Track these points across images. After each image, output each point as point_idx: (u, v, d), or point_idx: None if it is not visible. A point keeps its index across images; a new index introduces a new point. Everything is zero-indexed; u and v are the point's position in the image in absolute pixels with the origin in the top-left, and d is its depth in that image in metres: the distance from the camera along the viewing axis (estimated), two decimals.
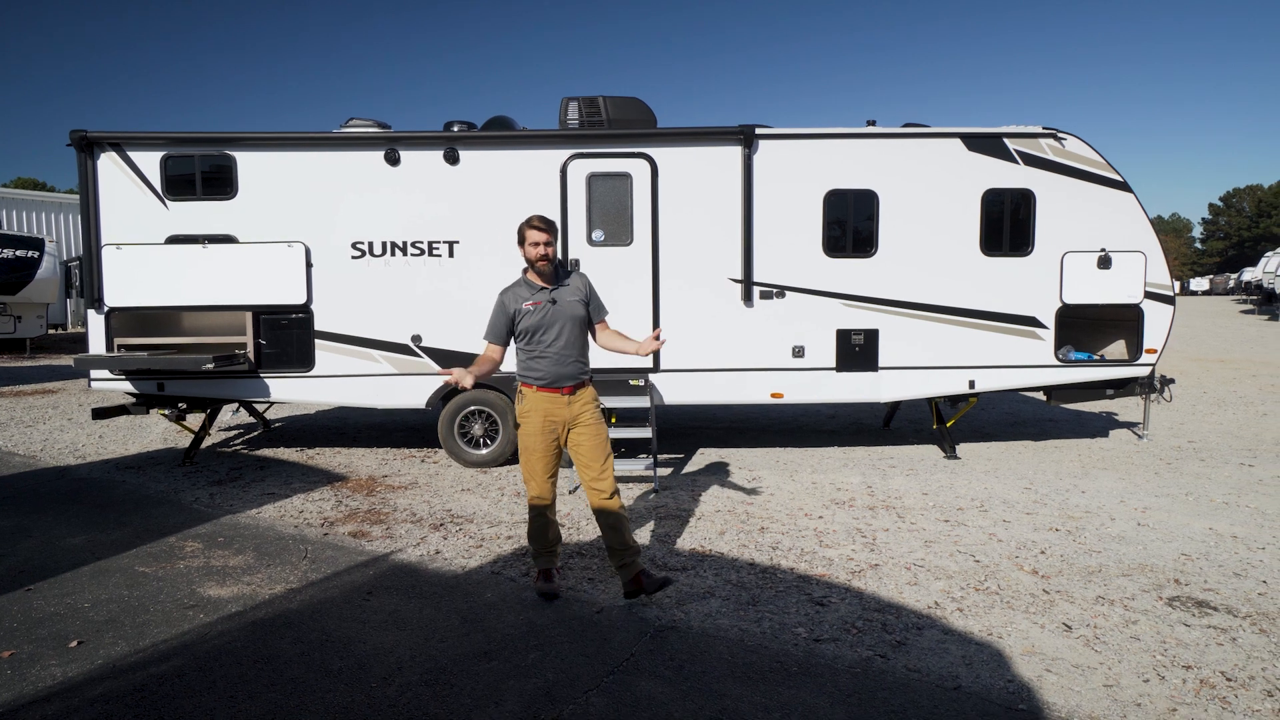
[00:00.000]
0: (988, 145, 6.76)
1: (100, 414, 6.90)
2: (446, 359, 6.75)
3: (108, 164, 6.62)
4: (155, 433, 8.43)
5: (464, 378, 3.61)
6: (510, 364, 6.49)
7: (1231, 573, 4.24)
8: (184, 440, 7.74)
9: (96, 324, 6.66)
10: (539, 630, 3.57)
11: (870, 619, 3.70)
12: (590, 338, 4.02)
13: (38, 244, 17.25)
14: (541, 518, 3.91)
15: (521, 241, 3.81)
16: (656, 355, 6.71)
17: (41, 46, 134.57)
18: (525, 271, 3.91)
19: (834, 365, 6.80)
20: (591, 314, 3.96)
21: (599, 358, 6.61)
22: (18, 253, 16.71)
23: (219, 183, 6.69)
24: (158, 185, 6.64)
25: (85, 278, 6.65)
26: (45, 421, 9.13)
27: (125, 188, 6.63)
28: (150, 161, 6.63)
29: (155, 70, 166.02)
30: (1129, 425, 8.48)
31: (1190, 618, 3.69)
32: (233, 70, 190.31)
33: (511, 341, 3.93)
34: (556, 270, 3.89)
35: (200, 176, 6.70)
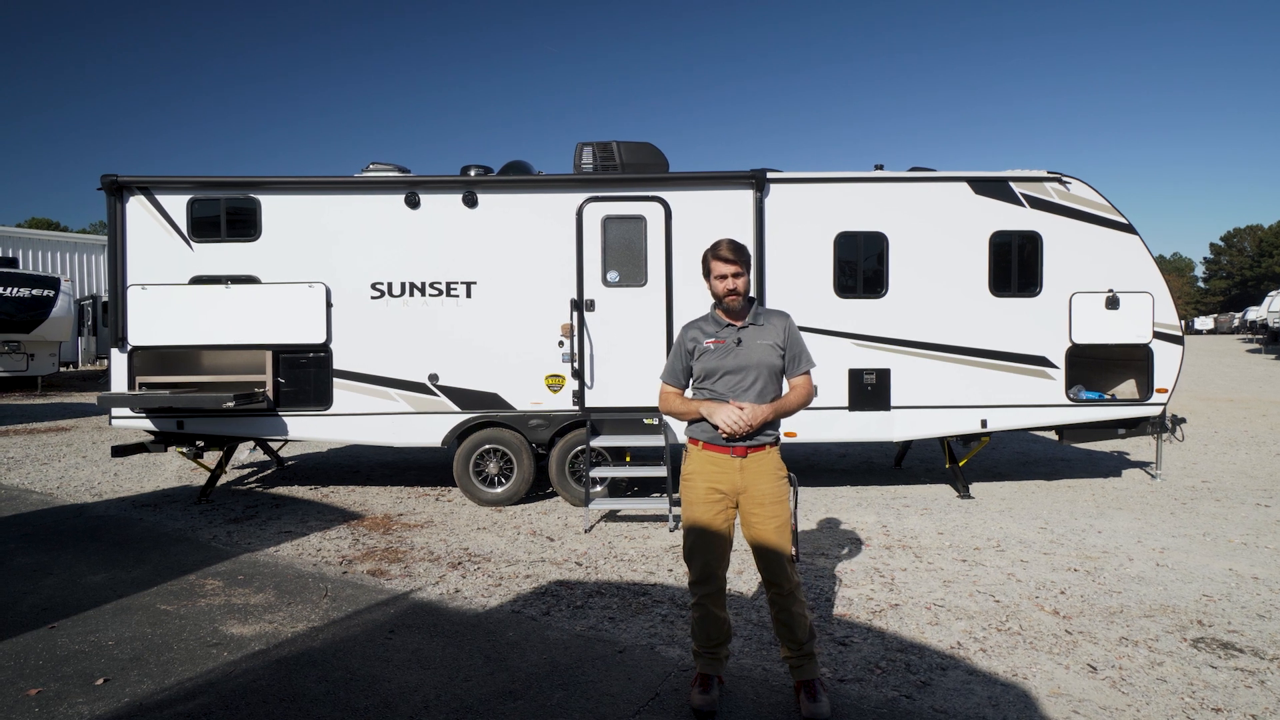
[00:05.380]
0: (994, 189, 6.91)
1: (120, 451, 6.97)
2: (463, 398, 6.82)
3: (136, 207, 6.79)
4: (170, 470, 8.48)
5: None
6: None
7: (1255, 614, 4.22)
8: (199, 478, 7.78)
9: (119, 362, 6.76)
10: (563, 670, 3.57)
11: (894, 659, 3.69)
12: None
13: (54, 283, 17.52)
14: (700, 608, 3.20)
15: (707, 274, 3.20)
16: None
17: (55, 89, 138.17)
18: (713, 306, 3.29)
19: (846, 404, 6.84)
20: (788, 366, 3.26)
21: (615, 394, 6.77)
22: (34, 291, 16.96)
23: (243, 225, 6.86)
24: (183, 227, 6.81)
25: (110, 317, 6.78)
26: (60, 459, 9.18)
27: (152, 230, 6.80)
28: (177, 205, 6.81)
29: (170, 110, 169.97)
30: (1141, 465, 8.47)
31: (1216, 660, 3.67)
32: (251, 112, 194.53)
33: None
34: (749, 306, 3.25)
35: (225, 219, 6.86)
